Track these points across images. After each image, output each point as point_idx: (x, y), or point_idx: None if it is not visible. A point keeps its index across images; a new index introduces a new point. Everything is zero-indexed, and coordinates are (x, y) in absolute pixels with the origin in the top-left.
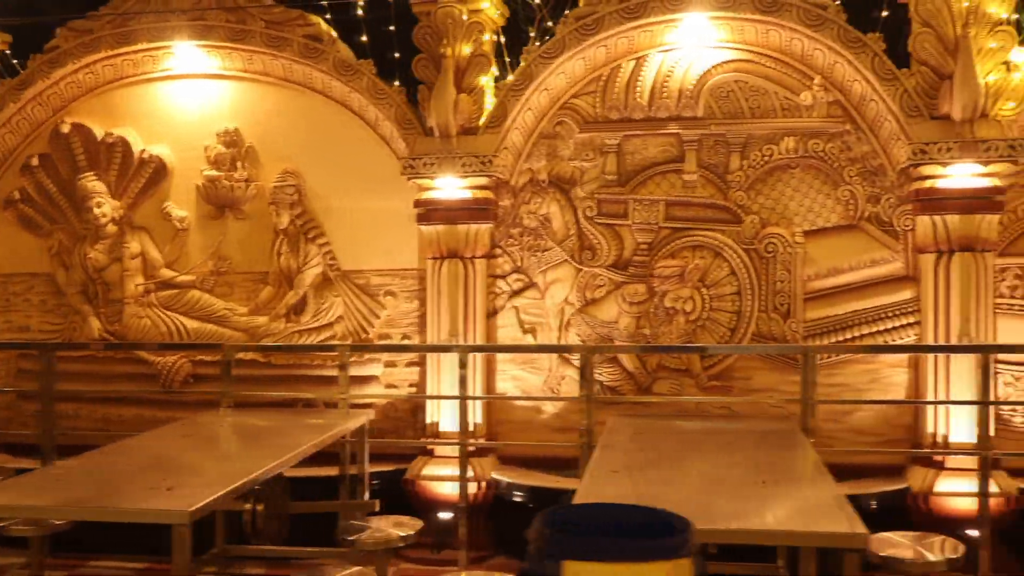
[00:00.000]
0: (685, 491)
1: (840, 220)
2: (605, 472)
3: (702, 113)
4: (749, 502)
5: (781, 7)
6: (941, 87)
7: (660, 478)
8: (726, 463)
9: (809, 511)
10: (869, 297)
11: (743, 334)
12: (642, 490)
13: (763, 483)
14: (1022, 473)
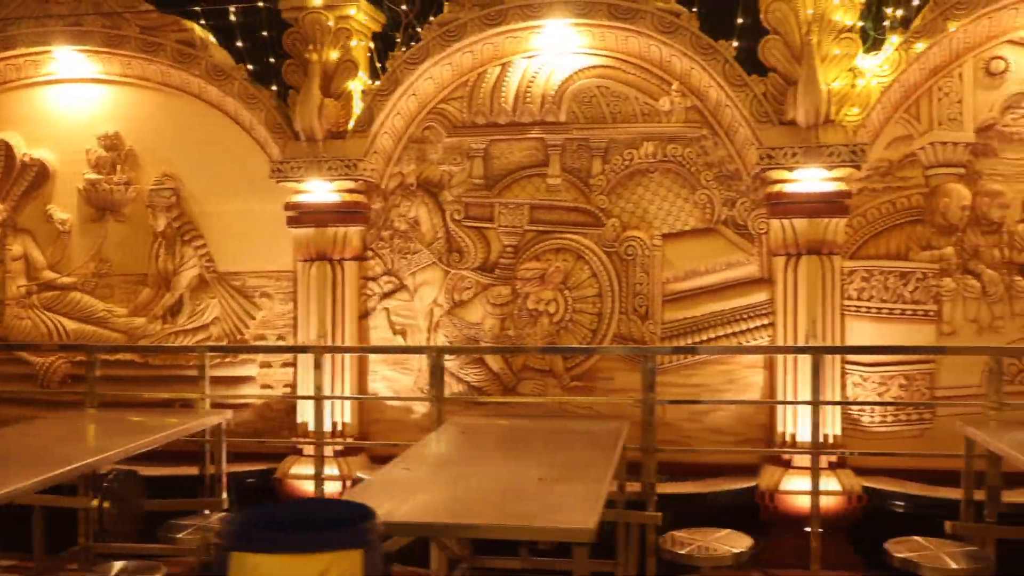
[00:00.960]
0: (460, 489)
1: (698, 223)
2: (399, 470)
3: (565, 118)
4: (513, 499)
5: (636, 14)
6: (788, 93)
7: (449, 476)
8: (531, 462)
9: (559, 506)
10: (726, 299)
11: (604, 335)
12: (415, 487)
13: (540, 480)
14: (869, 472)
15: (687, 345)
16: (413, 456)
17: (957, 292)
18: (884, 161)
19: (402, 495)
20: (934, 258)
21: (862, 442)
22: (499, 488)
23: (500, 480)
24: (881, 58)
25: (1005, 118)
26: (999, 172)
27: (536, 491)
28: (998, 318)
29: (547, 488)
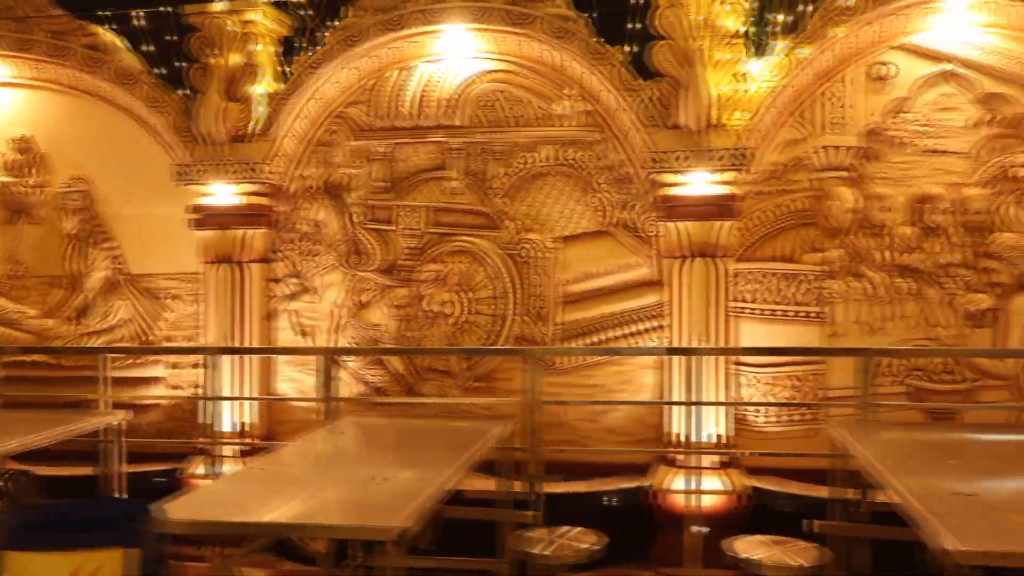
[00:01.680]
0: (289, 487)
1: (593, 226)
2: (255, 470)
3: (466, 122)
4: (339, 497)
5: (530, 20)
6: (676, 97)
7: (292, 475)
8: (385, 460)
9: (380, 506)
10: (620, 300)
11: (502, 336)
12: (255, 487)
13: (372, 479)
14: (761, 472)
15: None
16: (275, 456)
17: (843, 294)
18: (774, 165)
19: (230, 494)
20: (821, 260)
21: (754, 442)
22: (332, 486)
23: (339, 479)
24: (768, 63)
25: (889, 122)
26: (885, 176)
27: (365, 490)
28: (883, 319)
29: (378, 488)
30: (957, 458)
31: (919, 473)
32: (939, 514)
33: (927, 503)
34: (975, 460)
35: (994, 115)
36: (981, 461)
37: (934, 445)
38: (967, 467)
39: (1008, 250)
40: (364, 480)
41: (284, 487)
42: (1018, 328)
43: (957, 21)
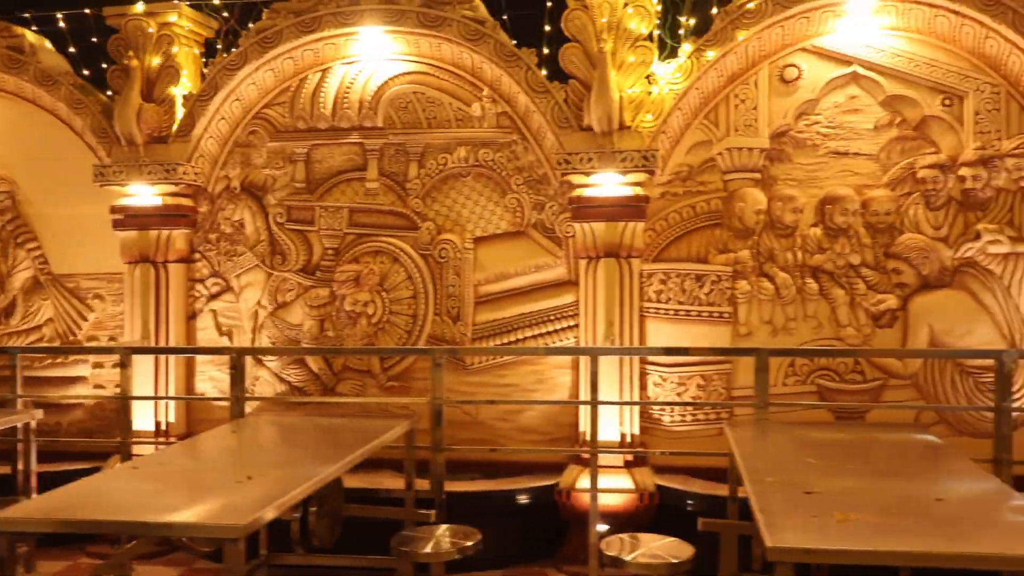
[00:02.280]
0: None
1: (509, 227)
2: (127, 468)
3: (382, 123)
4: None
5: (443, 22)
6: (585, 99)
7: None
8: (267, 460)
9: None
10: (535, 301)
11: (419, 336)
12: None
13: (249, 478)
14: (671, 471)
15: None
16: (157, 454)
17: (751, 294)
18: (685, 166)
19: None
20: (730, 261)
21: (663, 441)
22: (199, 484)
23: (211, 477)
24: (674, 66)
25: (798, 124)
26: (793, 177)
27: (230, 488)
28: (791, 319)
29: (243, 486)
30: (826, 458)
31: (781, 471)
32: (770, 511)
33: (765, 500)
34: (842, 460)
35: (899, 117)
36: (847, 461)
37: (813, 444)
38: (830, 467)
39: (912, 251)
40: (235, 478)
41: (149, 485)
42: (923, 328)
43: (861, 24)
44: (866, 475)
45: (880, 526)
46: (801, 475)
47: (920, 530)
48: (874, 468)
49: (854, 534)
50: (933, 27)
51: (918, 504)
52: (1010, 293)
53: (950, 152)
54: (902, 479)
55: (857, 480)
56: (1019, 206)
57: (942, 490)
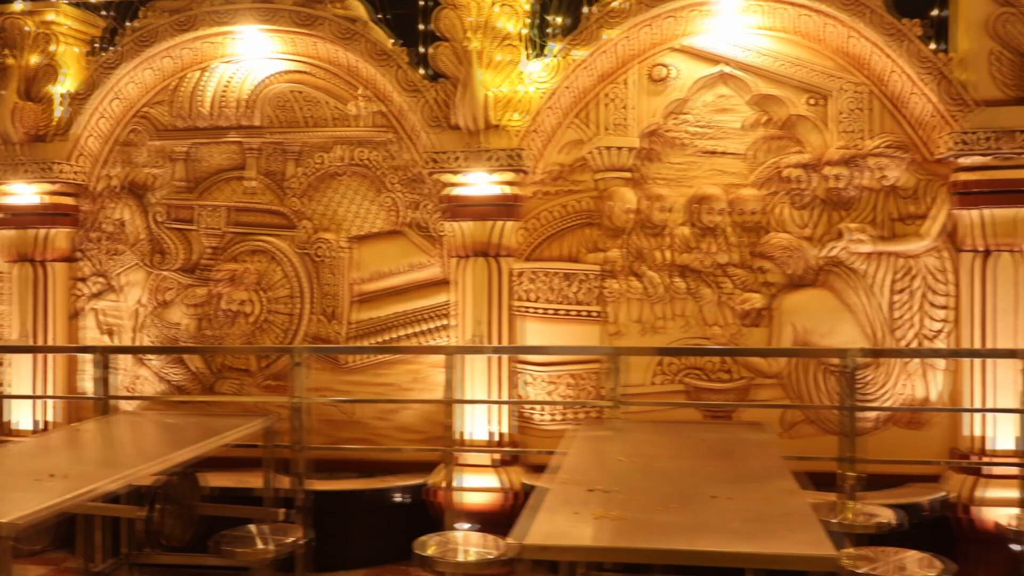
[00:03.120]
0: None
1: (385, 226)
2: None
3: (262, 122)
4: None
5: (316, 21)
6: (453, 98)
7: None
8: (89, 459)
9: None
10: (412, 300)
11: (297, 335)
12: None
13: (51, 476)
14: (542, 469)
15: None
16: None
17: (621, 293)
18: (558, 165)
19: None
20: (601, 260)
21: (537, 439)
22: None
23: (15, 475)
24: (542, 65)
25: (669, 124)
26: (663, 176)
27: (27, 486)
28: (661, 318)
29: (41, 485)
30: (643, 456)
31: (583, 470)
32: (536, 508)
33: (541, 498)
34: (658, 458)
35: (767, 116)
36: (663, 459)
37: (645, 443)
38: (638, 465)
39: (778, 250)
40: (37, 477)
41: None
42: (788, 327)
43: (730, 24)
44: (666, 474)
45: (636, 523)
46: (600, 473)
47: (669, 528)
48: (681, 466)
49: (601, 531)
50: (799, 26)
51: (690, 502)
52: (873, 292)
53: (816, 151)
54: (697, 478)
55: (652, 478)
56: (882, 205)
57: (727, 490)
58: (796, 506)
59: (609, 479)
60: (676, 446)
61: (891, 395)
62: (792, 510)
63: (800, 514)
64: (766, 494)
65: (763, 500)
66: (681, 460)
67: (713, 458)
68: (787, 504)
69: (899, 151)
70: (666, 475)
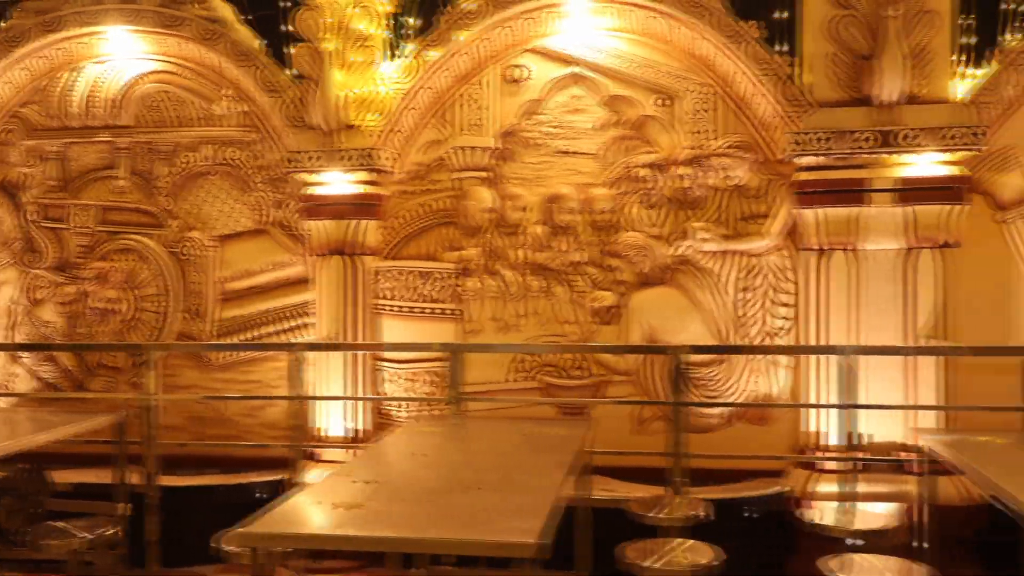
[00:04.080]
0: None
1: (251, 224)
2: None
3: (132, 122)
4: None
5: (180, 22)
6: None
7: None
8: None
9: None
10: (277, 297)
11: (166, 333)
12: None
13: None
14: None
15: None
16: None
17: (478, 291)
18: (419, 165)
19: None
20: (459, 259)
21: None
22: None
23: None
24: (397, 66)
25: (524, 124)
26: (520, 176)
27: None
28: (518, 316)
29: None
30: (442, 450)
31: (367, 463)
32: (292, 499)
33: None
34: (455, 452)
35: (619, 117)
36: (459, 453)
37: (459, 437)
38: (431, 460)
39: (630, 249)
40: None
41: None
42: (637, 325)
43: (583, 25)
44: (451, 467)
45: (369, 512)
46: (384, 467)
47: (400, 517)
48: (473, 460)
49: (326, 520)
50: (649, 28)
51: (449, 494)
52: (721, 290)
53: (665, 151)
54: (477, 471)
55: (432, 471)
56: (728, 204)
57: (496, 482)
58: (541, 499)
59: (389, 472)
60: (487, 442)
61: (737, 391)
62: (534, 502)
63: (536, 506)
64: (529, 486)
65: (519, 492)
66: (480, 455)
67: (511, 453)
68: (537, 497)
69: (744, 151)
70: (450, 469)
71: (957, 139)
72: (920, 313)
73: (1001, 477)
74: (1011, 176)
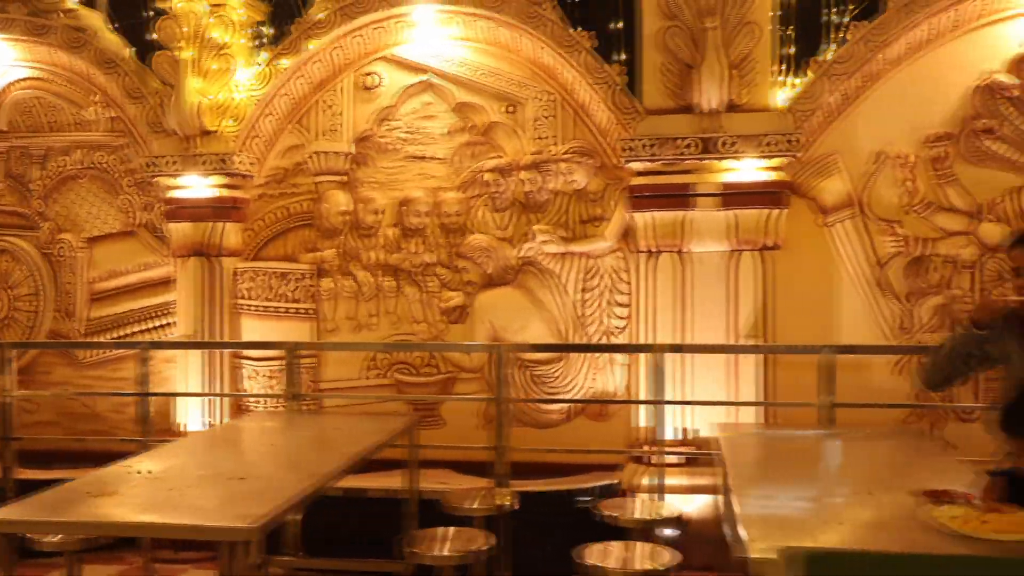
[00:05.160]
0: None
1: (121, 227)
2: None
3: (5, 127)
4: None
5: (48, 30)
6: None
7: None
8: None
9: None
10: (145, 297)
11: (39, 332)
12: None
13: None
14: None
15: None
16: None
17: (335, 292)
18: (280, 169)
19: None
20: (316, 260)
21: None
22: None
23: None
24: (253, 74)
25: (380, 130)
26: (375, 180)
27: None
28: (372, 316)
29: None
30: (258, 444)
31: (175, 452)
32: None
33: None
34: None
35: (468, 123)
36: (278, 447)
37: (280, 432)
38: (244, 454)
39: (477, 251)
40: None
41: None
42: (484, 324)
43: (432, 34)
44: (241, 459)
45: (119, 499)
46: (165, 460)
47: (147, 504)
48: (272, 451)
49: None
50: (495, 38)
51: (216, 485)
52: (564, 290)
53: (513, 156)
54: (264, 462)
55: (225, 463)
56: (572, 208)
57: (270, 472)
58: (290, 491)
59: (172, 463)
60: (294, 435)
61: (579, 388)
62: (281, 494)
63: (277, 496)
64: (294, 478)
65: (276, 481)
66: (275, 448)
67: (305, 447)
68: (288, 488)
69: (585, 157)
70: (232, 461)
71: (773, 146)
72: (742, 313)
73: (732, 469)
74: (832, 181)
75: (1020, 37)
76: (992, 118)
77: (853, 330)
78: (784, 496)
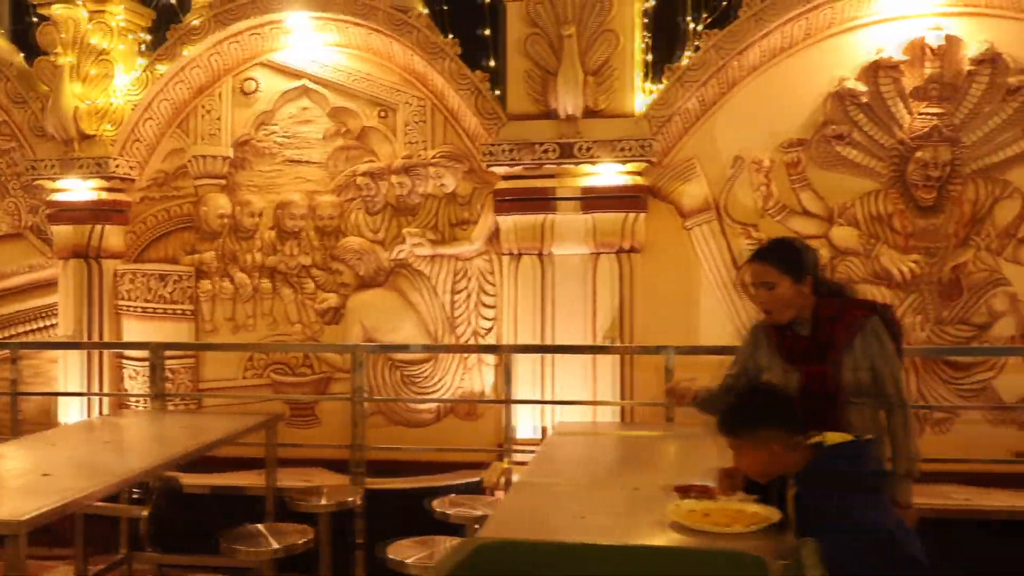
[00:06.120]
0: None
1: (8, 229)
2: None
3: None
4: None
5: None
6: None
7: None
8: None
9: None
10: (32, 298)
11: None
12: None
13: None
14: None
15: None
16: None
17: (213, 293)
18: (161, 172)
19: None
20: (196, 262)
21: None
22: None
23: None
24: (132, 79)
25: (258, 134)
26: (254, 183)
27: None
28: (250, 317)
29: None
30: (110, 442)
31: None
32: None
33: None
34: (127, 441)
35: (344, 128)
36: (125, 443)
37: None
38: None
39: (350, 253)
40: None
41: None
42: (357, 325)
43: (309, 41)
44: (50, 456)
45: None
46: (18, 453)
47: None
48: (83, 449)
49: None
50: (368, 44)
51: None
52: (435, 292)
53: (386, 161)
54: (114, 457)
55: (34, 459)
56: (442, 211)
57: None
58: (74, 491)
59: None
60: (139, 435)
61: (448, 388)
62: (68, 493)
63: (65, 494)
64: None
65: (72, 480)
66: (105, 444)
67: (135, 445)
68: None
69: (455, 161)
70: (58, 457)
71: (628, 151)
72: (600, 314)
73: (531, 465)
74: (692, 185)
75: (871, 45)
76: (844, 124)
77: (712, 330)
78: (548, 492)
